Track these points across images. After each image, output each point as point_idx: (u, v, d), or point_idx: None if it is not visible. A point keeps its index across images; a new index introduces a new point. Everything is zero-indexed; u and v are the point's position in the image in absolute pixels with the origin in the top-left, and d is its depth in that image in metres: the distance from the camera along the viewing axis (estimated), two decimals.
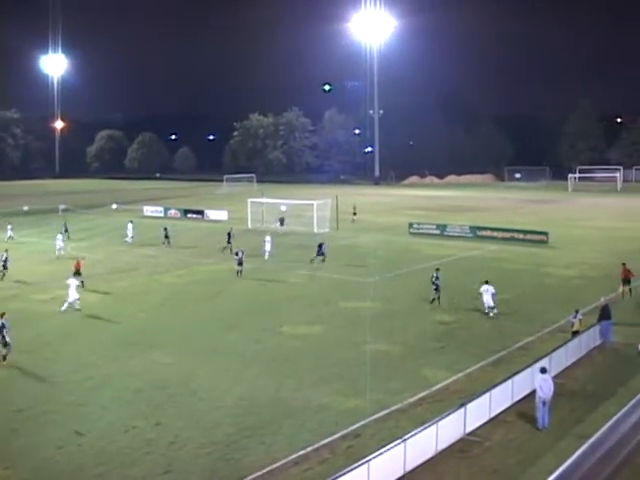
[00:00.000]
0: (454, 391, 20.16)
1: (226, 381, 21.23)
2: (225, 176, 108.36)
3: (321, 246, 40.53)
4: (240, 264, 36.89)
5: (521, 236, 48.64)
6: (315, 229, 54.09)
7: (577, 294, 31.53)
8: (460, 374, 21.54)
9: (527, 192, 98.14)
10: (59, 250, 43.65)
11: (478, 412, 17.64)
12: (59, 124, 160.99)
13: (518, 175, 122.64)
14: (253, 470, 15.52)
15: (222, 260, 41.82)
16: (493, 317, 27.90)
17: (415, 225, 54.25)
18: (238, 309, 30.30)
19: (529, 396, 18.90)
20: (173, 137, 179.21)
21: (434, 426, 16.23)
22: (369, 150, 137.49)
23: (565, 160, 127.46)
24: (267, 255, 42.11)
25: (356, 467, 14.06)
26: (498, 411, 18.37)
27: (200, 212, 67.14)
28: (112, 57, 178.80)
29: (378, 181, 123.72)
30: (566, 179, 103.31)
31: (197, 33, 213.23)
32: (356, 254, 44.52)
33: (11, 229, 51.31)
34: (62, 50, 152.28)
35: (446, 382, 20.88)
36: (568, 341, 22.67)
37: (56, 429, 17.94)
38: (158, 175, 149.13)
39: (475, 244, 47.41)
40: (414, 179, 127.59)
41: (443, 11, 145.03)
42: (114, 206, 75.62)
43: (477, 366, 22.25)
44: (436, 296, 30.21)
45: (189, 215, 67.33)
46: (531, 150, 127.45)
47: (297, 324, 27.51)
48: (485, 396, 17.98)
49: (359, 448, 16.33)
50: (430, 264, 37.17)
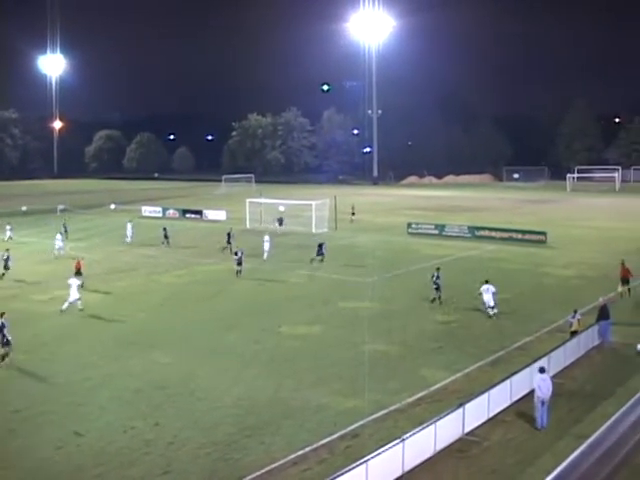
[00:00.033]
0: (452, 391, 20.18)
1: (225, 381, 21.23)
2: (223, 176, 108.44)
3: (321, 246, 40.51)
4: (239, 264, 36.92)
5: (519, 236, 48.69)
6: (314, 229, 54.11)
7: (575, 294, 31.56)
8: (459, 374, 21.56)
9: (525, 192, 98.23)
10: (58, 250, 43.63)
11: (477, 412, 17.66)
12: (57, 124, 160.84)
13: (516, 175, 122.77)
14: (252, 470, 15.53)
15: (221, 260, 41.83)
16: (493, 317, 27.88)
17: (414, 225, 54.29)
18: (237, 309, 30.31)
19: (528, 396, 18.92)
20: (171, 137, 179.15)
21: (432, 426, 16.24)
22: (368, 150, 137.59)
23: (563, 160, 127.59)
24: (266, 255, 42.13)
25: (355, 467, 14.07)
26: (497, 411, 18.39)
27: (199, 212, 67.12)
28: (110, 57, 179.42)
29: (377, 181, 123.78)
30: (564, 179, 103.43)
31: (195, 33, 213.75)
32: (355, 254, 44.54)
33: (10, 229, 51.24)
34: (60, 50, 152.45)
35: (444, 382, 20.89)
36: (567, 341, 22.69)
37: (55, 429, 17.93)
38: (156, 175, 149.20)
39: (473, 244, 47.44)
40: (413, 179, 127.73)
41: (441, 11, 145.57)
42: (112, 206, 75.64)
43: (475, 366, 22.28)
44: (437, 295, 30.25)
45: (187, 215, 67.30)
46: (529, 150, 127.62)
47: (296, 324, 27.53)
48: (484, 396, 18.00)
49: (358, 448, 16.34)
50: (429, 264, 37.22)
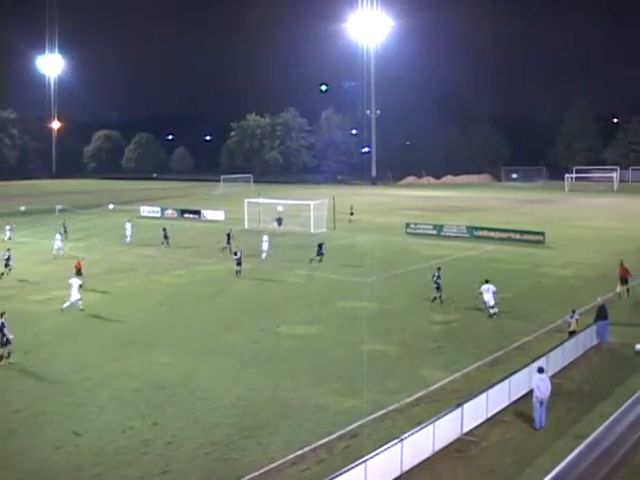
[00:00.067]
0: (451, 391, 20.21)
1: (225, 381, 21.25)
2: (222, 176, 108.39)
3: (321, 246, 40.49)
4: (239, 264, 36.94)
5: (518, 236, 48.71)
6: (312, 229, 54.10)
7: (574, 294, 31.58)
8: (457, 374, 21.58)
9: (524, 192, 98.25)
10: (58, 250, 43.61)
11: (475, 412, 17.68)
12: (56, 124, 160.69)
13: (515, 175, 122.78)
14: (251, 470, 15.55)
15: (221, 260, 41.85)
16: (494, 316, 27.87)
17: (412, 225, 54.31)
18: (237, 309, 30.33)
19: (526, 396, 18.95)
20: (170, 137, 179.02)
21: (431, 426, 16.27)
22: (366, 150, 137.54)
23: (561, 160, 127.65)
24: (264, 255, 42.13)
25: (353, 467, 14.09)
26: (495, 411, 18.41)
27: (197, 212, 67.11)
28: (108, 57, 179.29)
29: (375, 181, 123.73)
30: (563, 179, 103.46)
31: (193, 33, 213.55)
32: (353, 254, 44.55)
33: (10, 230, 51.24)
34: (59, 50, 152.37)
35: (443, 382, 20.92)
36: (565, 341, 22.72)
37: (54, 429, 17.95)
38: (155, 175, 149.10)
39: (472, 244, 47.47)
40: (411, 179, 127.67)
41: (440, 11, 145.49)
42: (111, 206, 75.63)
43: (474, 366, 22.30)
44: (437, 295, 30.29)
45: (186, 215, 67.28)
46: (528, 150, 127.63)
47: (295, 324, 27.54)
48: (482, 396, 18.02)
49: (356, 448, 16.36)
50: (427, 264, 37.27)
